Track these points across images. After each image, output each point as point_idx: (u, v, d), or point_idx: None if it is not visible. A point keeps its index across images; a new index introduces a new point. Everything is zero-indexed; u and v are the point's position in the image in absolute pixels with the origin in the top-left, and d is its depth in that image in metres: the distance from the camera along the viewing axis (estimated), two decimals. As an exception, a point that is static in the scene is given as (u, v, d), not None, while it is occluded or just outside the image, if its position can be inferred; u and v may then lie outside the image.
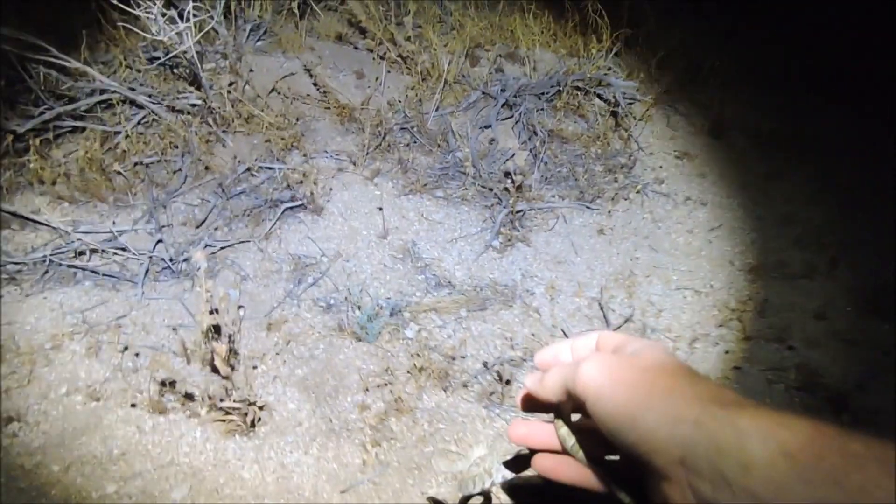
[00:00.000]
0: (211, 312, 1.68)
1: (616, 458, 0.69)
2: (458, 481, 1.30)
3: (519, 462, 0.87)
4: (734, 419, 0.48)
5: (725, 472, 0.46)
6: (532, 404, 0.76)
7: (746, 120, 3.66)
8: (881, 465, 0.40)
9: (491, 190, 3.09)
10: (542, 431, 0.75)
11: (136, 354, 2.15)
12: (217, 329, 1.79)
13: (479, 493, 1.16)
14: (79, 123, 2.90)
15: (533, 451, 0.78)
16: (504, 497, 1.39)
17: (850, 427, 0.43)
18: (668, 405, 0.53)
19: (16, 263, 2.47)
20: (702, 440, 0.49)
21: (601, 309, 2.49)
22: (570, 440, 0.71)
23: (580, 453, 0.70)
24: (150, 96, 3.11)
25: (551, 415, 0.76)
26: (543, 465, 0.74)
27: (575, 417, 0.75)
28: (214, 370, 1.95)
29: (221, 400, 1.82)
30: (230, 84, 3.23)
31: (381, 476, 1.80)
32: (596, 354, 0.65)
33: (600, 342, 0.71)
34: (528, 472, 0.86)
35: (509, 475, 1.03)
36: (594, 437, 0.63)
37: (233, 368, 1.75)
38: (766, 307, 2.57)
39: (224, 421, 1.88)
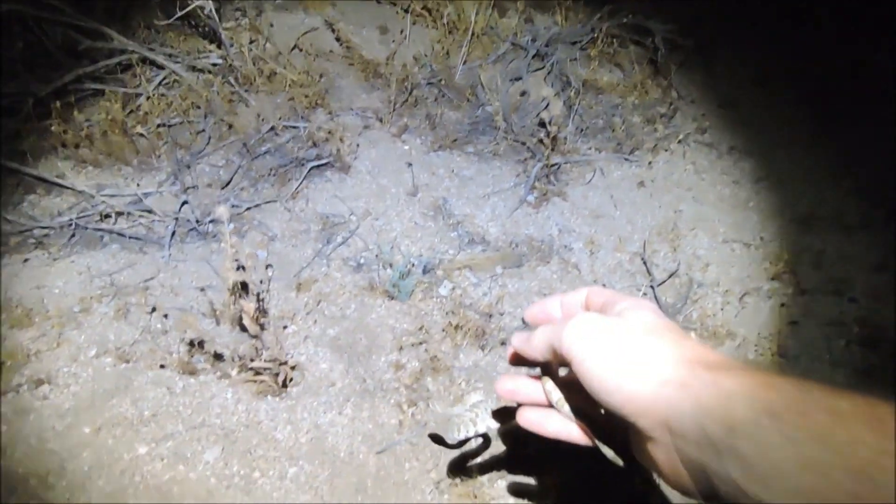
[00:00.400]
0: (238, 270, 1.60)
1: (601, 412, 0.69)
2: (443, 423, 1.26)
3: (507, 413, 0.87)
4: (719, 381, 0.48)
5: (711, 434, 0.46)
6: (520, 359, 0.78)
7: (794, 68, 3.42)
8: (866, 423, 0.39)
9: (524, 144, 2.94)
10: (530, 386, 0.77)
11: (165, 316, 2.10)
12: (245, 287, 1.72)
13: (462, 441, 1.17)
14: (99, 86, 2.83)
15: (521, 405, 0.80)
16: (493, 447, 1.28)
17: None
18: (654, 367, 0.53)
19: (42, 228, 2.43)
20: (687, 402, 0.49)
21: (644, 263, 2.36)
22: (556, 395, 0.73)
23: (566, 408, 0.72)
24: (169, 56, 3.02)
25: (539, 370, 0.77)
26: (529, 420, 0.75)
27: (563, 373, 0.75)
28: (244, 330, 1.89)
29: (252, 360, 1.75)
30: (251, 41, 3.12)
31: (419, 436, 1.72)
32: (581, 315, 0.64)
33: (589, 299, 0.71)
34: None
35: (494, 425, 1.01)
36: (580, 393, 0.63)
37: (262, 328, 1.68)
38: (822, 259, 2.41)
39: (255, 381, 1.82)
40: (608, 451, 0.68)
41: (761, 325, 2.15)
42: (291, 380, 1.83)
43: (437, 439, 1.63)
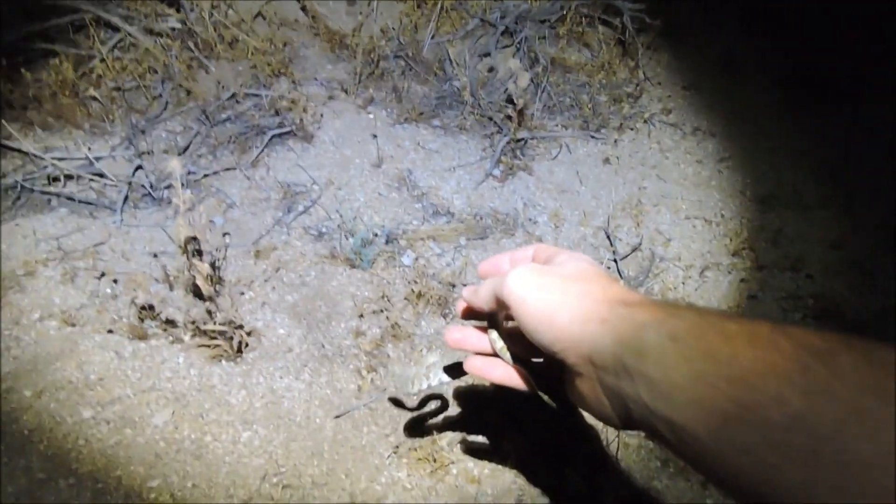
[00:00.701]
0: (190, 225, 1.54)
1: (540, 360, 0.77)
2: (399, 380, 1.26)
3: (457, 369, 0.94)
4: (634, 314, 0.54)
5: (626, 361, 0.51)
6: (470, 313, 0.83)
7: (761, 55, 3.47)
8: (748, 340, 0.46)
9: (490, 119, 2.92)
10: (476, 336, 0.82)
11: (115, 281, 2.01)
12: (198, 246, 1.65)
13: (421, 402, 1.30)
14: (49, 46, 2.69)
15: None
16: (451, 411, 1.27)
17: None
18: (581, 307, 0.59)
19: (-15, 190, 2.31)
20: (606, 335, 0.54)
21: (608, 238, 2.36)
22: (499, 343, 0.78)
23: (507, 355, 0.77)
24: (125, 18, 2.90)
25: (486, 323, 0.82)
26: (474, 365, 0.81)
27: (508, 326, 0.80)
28: (197, 294, 1.82)
29: (205, 323, 1.69)
30: (213, 7, 3.02)
31: (378, 402, 1.69)
32: (523, 265, 0.69)
33: (536, 254, 0.76)
34: (465, 381, 0.83)
35: (446, 379, 1.07)
36: (522, 342, 0.69)
37: (217, 290, 1.62)
38: (780, 237, 2.45)
39: (209, 346, 1.76)
40: (543, 395, 0.74)
41: (721, 298, 2.18)
42: (247, 345, 1.77)
43: (396, 402, 1.60)
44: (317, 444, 1.57)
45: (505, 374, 0.77)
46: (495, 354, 0.80)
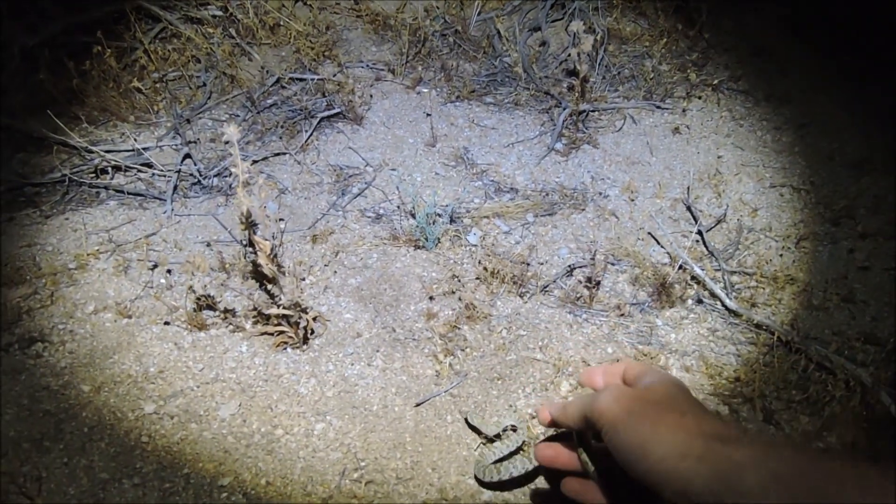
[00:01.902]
0: (250, 196, 1.41)
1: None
2: (477, 465, 1.31)
3: (535, 474, 1.06)
4: (731, 454, 0.56)
5: (726, 500, 0.54)
6: (554, 423, 0.83)
7: (829, 13, 3.22)
8: (857, 481, 0.48)
9: (547, 93, 2.75)
10: (567, 455, 0.85)
11: (169, 271, 1.91)
12: (256, 230, 1.52)
13: (496, 483, 1.24)
14: (91, 38, 2.61)
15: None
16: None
17: None
18: (675, 440, 0.60)
19: (33, 185, 2.24)
20: (703, 473, 0.56)
21: (689, 209, 2.17)
22: (591, 467, 0.80)
23: (599, 479, 0.78)
24: (165, 7, 2.82)
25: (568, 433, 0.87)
26: (572, 488, 0.82)
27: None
28: (258, 278, 1.70)
29: (268, 308, 1.56)
30: (252, -8, 2.92)
31: (460, 387, 1.53)
32: (611, 387, 0.72)
33: (626, 371, 0.76)
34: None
35: (529, 466, 1.11)
36: (611, 459, 0.68)
37: (280, 266, 1.49)
38: (881, 203, 2.22)
39: (273, 334, 1.63)
40: None
41: (823, 270, 1.97)
42: (313, 331, 1.64)
43: (474, 429, 1.42)
44: (398, 435, 1.42)
45: (599, 497, 0.78)
46: (585, 472, 0.81)
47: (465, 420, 1.43)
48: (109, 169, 2.30)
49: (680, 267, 1.87)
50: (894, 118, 2.63)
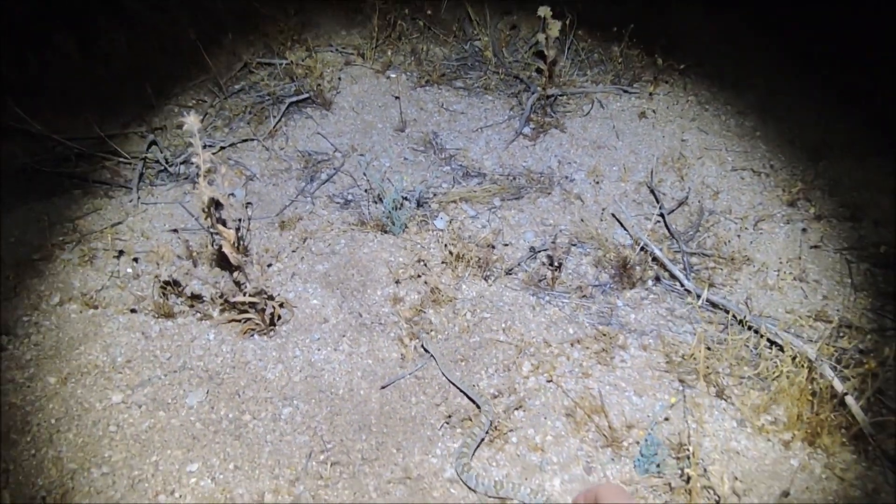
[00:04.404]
0: (212, 185, 1.42)
1: None
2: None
3: None
4: None
5: None
6: None
7: (795, 9, 3.26)
8: None
9: (516, 77, 2.76)
10: None
11: (135, 260, 1.90)
12: (222, 220, 1.53)
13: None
14: (53, 26, 2.56)
15: None
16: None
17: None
18: None
19: (-6, 175, 2.21)
20: None
21: (652, 192, 2.22)
22: None
23: None
24: (129, -8, 2.77)
25: None
26: None
27: None
28: (224, 265, 1.71)
29: (234, 295, 1.57)
30: (218, -25, 2.88)
31: (425, 370, 1.57)
32: None
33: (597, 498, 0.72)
34: None
35: None
36: None
37: (246, 253, 1.50)
38: (837, 186, 2.28)
39: (240, 321, 1.65)
40: None
41: (779, 250, 2.03)
42: (279, 317, 1.66)
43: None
44: (363, 418, 1.46)
45: None
46: None
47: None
48: (73, 157, 2.27)
49: (641, 249, 1.91)
50: (853, 105, 2.70)
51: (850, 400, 1.42)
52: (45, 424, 1.46)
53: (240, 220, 1.83)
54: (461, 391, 1.50)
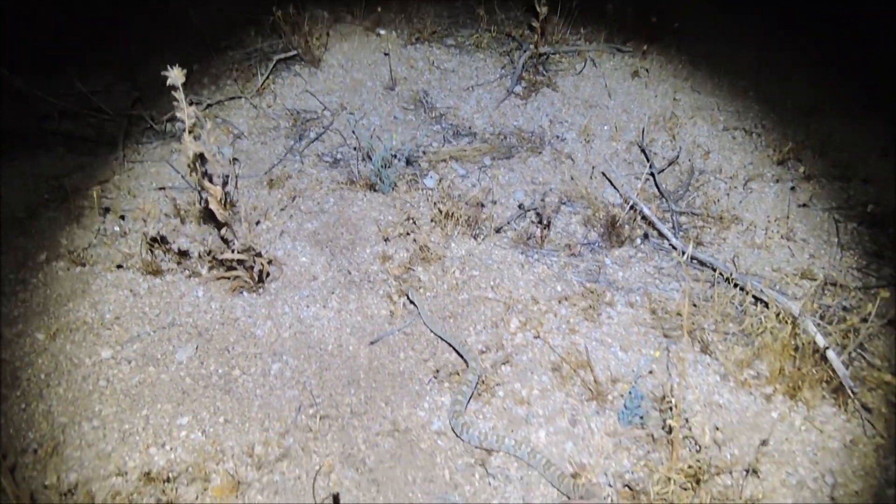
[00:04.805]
0: (197, 140, 1.40)
1: None
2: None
3: None
4: None
5: None
6: None
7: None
8: None
9: (509, 35, 2.72)
10: None
11: (122, 217, 1.89)
12: (209, 175, 1.51)
13: None
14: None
15: None
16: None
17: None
18: None
19: (-24, 132, 2.17)
20: None
21: (643, 152, 2.20)
22: None
23: None
24: (109, -58, 2.68)
25: None
26: None
27: None
28: (211, 221, 1.70)
29: (222, 252, 1.57)
30: (201, -74, 2.78)
31: (413, 326, 1.58)
32: None
33: None
34: None
35: None
36: None
37: (233, 210, 1.49)
38: (827, 146, 2.28)
39: (228, 278, 1.64)
40: None
41: (767, 209, 2.04)
42: (268, 274, 1.66)
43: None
44: (352, 373, 1.47)
45: None
46: None
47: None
48: (55, 114, 2.23)
49: (631, 208, 1.91)
50: (845, 67, 2.67)
51: (831, 354, 1.45)
52: (34, 379, 1.47)
53: (226, 176, 1.81)
54: (442, 339, 1.52)
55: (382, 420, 1.38)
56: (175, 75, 1.34)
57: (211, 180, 1.52)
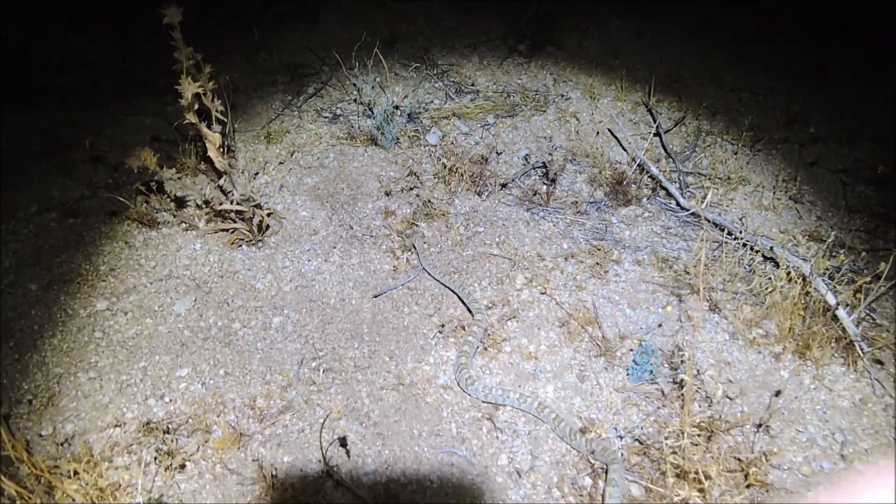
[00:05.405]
0: (195, 81, 1.34)
1: None
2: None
3: None
4: None
5: None
6: None
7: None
8: None
9: (512, -8, 2.64)
10: None
11: (115, 169, 1.83)
12: (200, 107, 1.45)
13: None
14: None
15: None
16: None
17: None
18: None
19: (-39, 81, 2.08)
20: None
21: (649, 112, 2.16)
22: None
23: None
24: None
25: None
26: None
27: None
28: (208, 171, 1.65)
29: (220, 203, 1.52)
30: None
31: (417, 281, 1.54)
32: None
33: None
34: None
35: None
36: None
37: (232, 160, 1.44)
38: (835, 108, 2.24)
39: (227, 231, 1.60)
40: None
41: (774, 171, 2.01)
42: (268, 227, 1.61)
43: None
44: (355, 327, 1.44)
45: None
46: None
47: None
48: (47, 68, 2.15)
49: (637, 167, 1.88)
50: (854, 29, 2.63)
51: (841, 313, 1.43)
52: (27, 330, 1.43)
53: (224, 123, 1.75)
54: (444, 285, 1.50)
55: (387, 374, 1.35)
56: (173, 13, 1.28)
57: (209, 127, 1.46)
